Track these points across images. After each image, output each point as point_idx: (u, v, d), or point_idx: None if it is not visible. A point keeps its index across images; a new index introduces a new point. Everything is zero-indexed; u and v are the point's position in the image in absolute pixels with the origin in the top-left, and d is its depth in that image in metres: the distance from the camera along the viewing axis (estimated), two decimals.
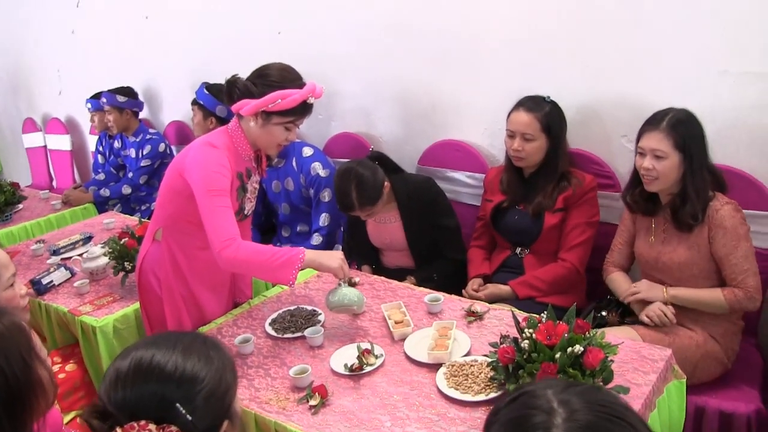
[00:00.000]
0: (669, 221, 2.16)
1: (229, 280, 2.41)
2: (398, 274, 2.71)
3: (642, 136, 2.11)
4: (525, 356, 1.56)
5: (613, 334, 1.98)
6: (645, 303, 2.18)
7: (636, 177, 2.19)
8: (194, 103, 3.52)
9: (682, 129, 2.05)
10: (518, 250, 2.59)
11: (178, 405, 1.04)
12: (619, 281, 2.31)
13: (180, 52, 4.17)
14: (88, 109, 4.31)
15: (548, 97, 2.47)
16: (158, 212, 2.27)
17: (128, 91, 4.06)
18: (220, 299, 2.37)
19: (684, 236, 2.12)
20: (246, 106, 2.03)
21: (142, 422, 1.01)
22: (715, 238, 2.07)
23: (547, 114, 2.43)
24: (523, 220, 2.53)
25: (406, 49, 3.09)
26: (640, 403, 1.63)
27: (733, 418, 2.04)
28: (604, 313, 2.28)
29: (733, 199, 2.11)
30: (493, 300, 2.43)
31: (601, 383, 1.52)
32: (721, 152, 2.30)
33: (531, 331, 1.59)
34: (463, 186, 3.03)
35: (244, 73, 2.09)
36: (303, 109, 2.07)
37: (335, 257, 2.08)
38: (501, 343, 1.67)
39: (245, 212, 2.27)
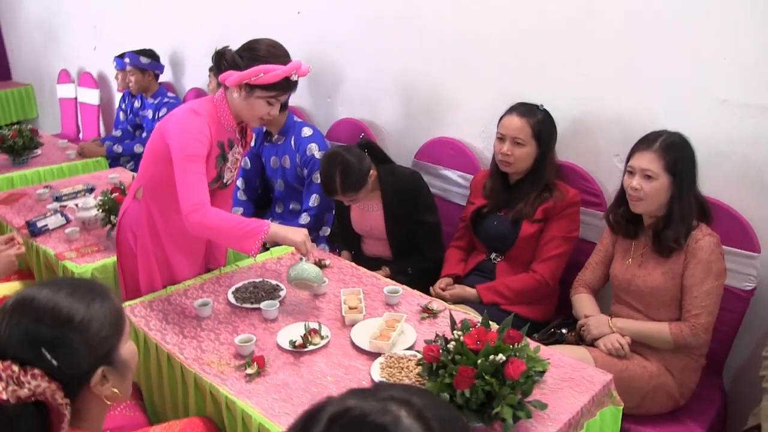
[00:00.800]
0: (649, 245, 2.11)
1: (203, 246, 2.45)
2: (375, 264, 2.73)
3: (633, 155, 2.08)
4: (450, 357, 1.56)
5: (565, 353, 1.96)
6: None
7: (622, 196, 2.15)
8: (211, 69, 3.60)
9: (674, 152, 2.01)
10: (493, 255, 2.57)
11: (42, 349, 1.04)
12: (582, 303, 2.28)
13: (205, 22, 4.24)
14: (114, 67, 4.42)
15: (542, 105, 2.45)
16: (141, 171, 2.31)
17: (151, 54, 4.14)
18: (194, 263, 2.41)
19: (661, 261, 2.08)
20: (231, 77, 2.07)
21: (7, 362, 1.02)
22: (687, 267, 2.03)
23: (539, 121, 2.41)
24: (502, 227, 2.51)
25: (413, 45, 3.10)
26: (563, 421, 1.61)
27: None
28: (564, 330, 2.25)
29: (716, 232, 2.06)
30: (458, 301, 2.43)
31: (520, 396, 1.51)
32: (709, 183, 2.25)
33: (460, 333, 1.59)
34: (454, 185, 3.02)
35: None
36: (285, 85, 2.09)
37: (300, 233, 2.11)
38: (434, 341, 1.67)
39: (224, 181, 2.30)
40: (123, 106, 4.58)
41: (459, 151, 3.00)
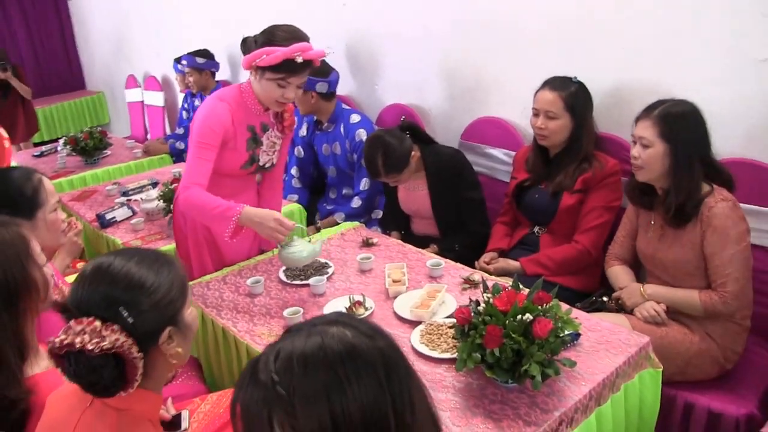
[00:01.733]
0: (663, 216, 2.11)
1: (251, 230, 2.56)
2: (424, 242, 2.79)
3: (636, 123, 2.08)
4: (481, 319, 1.62)
5: (604, 318, 1.98)
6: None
7: None
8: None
9: (671, 120, 1.99)
10: (536, 228, 2.60)
11: (121, 308, 1.17)
12: (616, 275, 2.28)
13: (255, 20, 4.35)
14: (175, 70, 4.64)
15: (575, 77, 2.46)
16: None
17: (205, 53, 4.33)
18: (242, 245, 2.53)
19: (679, 233, 2.06)
20: (245, 60, 2.18)
21: (90, 318, 1.15)
22: (705, 236, 2.00)
23: (572, 94, 2.42)
24: (543, 199, 2.53)
25: (455, 28, 3.14)
26: (597, 381, 1.64)
27: (721, 419, 1.99)
28: (605, 299, 2.26)
29: (760, 196, 2.02)
30: (501, 274, 2.47)
31: (549, 354, 1.55)
32: (755, 146, 2.21)
33: (490, 296, 1.64)
34: (499, 163, 3.05)
35: (313, 42, 2.19)
36: (290, 67, 2.13)
37: (267, 222, 2.10)
38: (468, 306, 1.72)
39: (261, 164, 2.40)
40: (185, 106, 4.80)
41: (503, 129, 3.03)
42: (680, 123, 2.00)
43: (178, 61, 4.49)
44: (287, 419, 0.84)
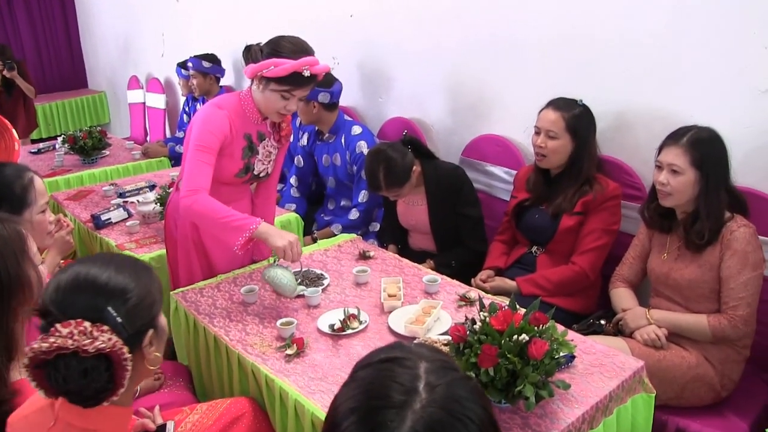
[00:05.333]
0: (683, 239, 2.12)
1: None
2: (421, 257, 2.79)
3: (662, 150, 2.09)
4: (476, 338, 1.61)
5: (602, 342, 1.97)
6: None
7: (653, 191, 2.15)
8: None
9: (701, 147, 2.01)
10: (534, 248, 2.60)
11: (109, 308, 1.16)
12: (621, 297, 2.28)
13: (262, 28, 4.37)
14: (178, 75, 4.63)
15: (581, 100, 2.47)
16: (182, 164, 2.44)
17: (212, 58, 4.32)
18: (233, 255, 2.49)
19: (697, 255, 2.08)
20: (249, 69, 2.17)
21: (78, 320, 1.13)
22: (723, 259, 2.02)
23: (575, 116, 2.42)
24: (542, 220, 2.53)
25: (461, 44, 3.16)
26: (590, 404, 1.63)
27: None
28: (602, 322, 2.26)
29: (758, 225, 2.04)
30: (498, 293, 2.45)
31: (544, 376, 1.54)
32: (751, 174, 2.24)
33: (487, 315, 1.63)
34: (499, 181, 3.05)
35: (319, 52, 2.20)
36: (296, 80, 2.13)
37: (285, 237, 2.10)
38: (463, 324, 1.71)
39: (255, 173, 2.39)
40: (186, 109, 4.80)
41: (504, 147, 3.03)
42: (710, 150, 2.02)
43: (182, 66, 4.49)
44: None
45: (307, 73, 2.11)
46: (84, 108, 6.99)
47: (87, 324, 1.13)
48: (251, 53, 2.18)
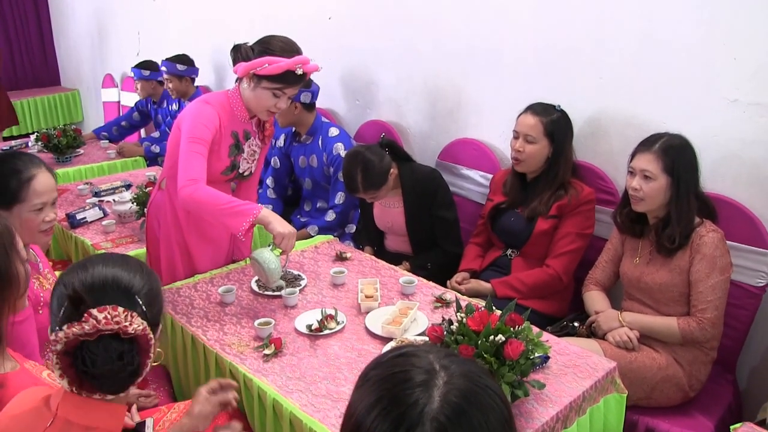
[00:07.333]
0: (654, 244, 2.17)
1: (227, 238, 2.55)
2: (397, 259, 2.81)
3: (635, 156, 2.14)
4: (453, 338, 1.64)
5: (575, 343, 2.02)
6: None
7: (626, 197, 2.20)
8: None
9: (673, 153, 2.07)
10: (509, 251, 2.64)
11: (137, 296, 1.19)
12: (593, 300, 2.33)
13: (240, 28, 4.39)
14: (134, 77, 4.59)
15: (559, 106, 2.52)
16: (165, 162, 2.45)
17: (185, 59, 4.28)
18: (216, 254, 2.52)
19: (668, 259, 2.13)
20: (240, 67, 2.19)
21: (112, 305, 1.14)
22: (692, 263, 2.08)
23: (553, 121, 2.47)
24: (518, 223, 2.57)
25: (438, 49, 3.20)
26: (564, 404, 1.67)
27: None
28: (576, 324, 2.30)
29: (727, 230, 2.10)
30: (473, 295, 2.49)
31: (519, 376, 1.58)
32: (721, 181, 2.31)
33: (464, 315, 1.66)
34: (475, 184, 3.09)
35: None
36: (289, 78, 2.17)
37: (287, 226, 2.14)
38: (441, 325, 1.74)
39: (241, 171, 2.40)
40: (140, 108, 4.76)
41: (480, 151, 3.07)
42: (681, 157, 2.07)
43: (144, 66, 4.46)
44: None
45: (300, 72, 2.15)
46: (57, 106, 6.89)
47: (120, 309, 1.14)
48: (241, 52, 2.20)
